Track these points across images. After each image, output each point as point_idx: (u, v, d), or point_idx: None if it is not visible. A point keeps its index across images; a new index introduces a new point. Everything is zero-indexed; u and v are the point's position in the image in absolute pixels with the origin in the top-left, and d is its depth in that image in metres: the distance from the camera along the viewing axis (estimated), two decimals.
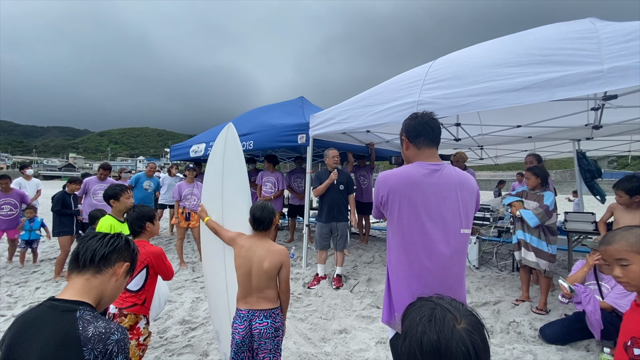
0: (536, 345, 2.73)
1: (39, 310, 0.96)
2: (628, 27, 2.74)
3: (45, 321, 0.92)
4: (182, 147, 7.27)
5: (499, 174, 51.33)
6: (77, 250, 1.08)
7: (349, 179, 4.36)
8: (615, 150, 6.70)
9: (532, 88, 2.73)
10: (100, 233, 1.16)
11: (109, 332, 0.92)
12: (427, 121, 1.54)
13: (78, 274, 1.05)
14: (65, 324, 0.91)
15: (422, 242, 1.45)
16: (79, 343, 0.88)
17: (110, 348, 0.91)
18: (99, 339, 0.90)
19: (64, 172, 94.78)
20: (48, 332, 0.89)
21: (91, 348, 0.88)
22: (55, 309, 0.94)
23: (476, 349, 0.66)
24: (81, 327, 0.90)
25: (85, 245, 1.09)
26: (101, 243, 1.10)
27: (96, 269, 1.06)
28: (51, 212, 4.71)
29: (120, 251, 1.14)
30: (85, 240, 1.12)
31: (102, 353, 0.89)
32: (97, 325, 0.92)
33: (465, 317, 0.71)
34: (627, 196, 3.05)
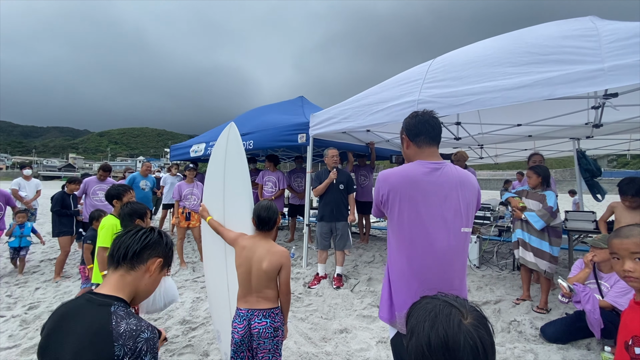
0: (537, 344, 2.72)
1: (77, 302, 0.99)
2: (629, 26, 2.74)
3: (82, 313, 0.95)
4: (182, 147, 7.28)
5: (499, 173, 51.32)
6: (112, 247, 1.09)
7: (349, 178, 4.35)
8: (615, 149, 6.69)
9: (533, 86, 2.72)
10: (134, 228, 1.15)
11: (140, 330, 0.93)
12: (427, 120, 1.54)
13: (114, 270, 1.06)
14: (100, 318, 0.93)
15: (423, 240, 1.44)
16: (111, 338, 0.89)
17: (139, 346, 0.91)
18: (129, 335, 0.91)
19: (63, 172, 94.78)
20: (84, 323, 0.92)
21: (122, 344, 0.89)
22: (92, 302, 0.97)
23: (483, 343, 0.66)
24: (114, 322, 0.92)
25: (120, 242, 1.09)
26: (133, 239, 1.09)
27: (129, 266, 1.07)
28: (51, 212, 4.70)
29: (153, 247, 1.12)
30: (119, 236, 1.12)
31: (132, 350, 0.89)
32: (129, 322, 0.94)
33: (471, 313, 0.71)
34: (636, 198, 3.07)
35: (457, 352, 0.64)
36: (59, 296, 3.83)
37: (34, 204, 6.43)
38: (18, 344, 2.79)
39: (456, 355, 0.64)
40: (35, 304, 3.61)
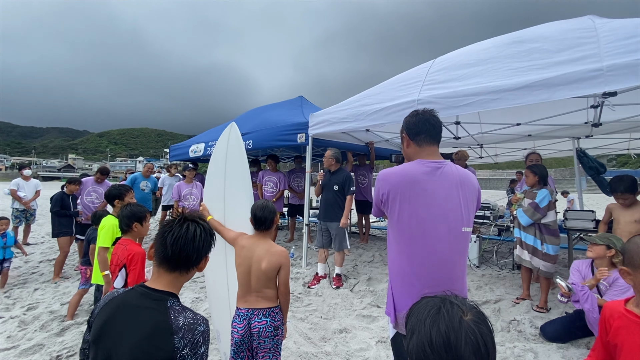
0: (537, 343, 2.72)
1: (131, 294, 1.03)
2: (627, 24, 2.74)
3: (139, 306, 0.99)
4: (182, 147, 7.27)
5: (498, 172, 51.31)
6: (167, 251, 1.06)
7: (345, 178, 4.21)
8: (615, 149, 6.69)
9: (532, 87, 2.72)
10: (184, 228, 1.10)
11: (197, 323, 0.99)
12: (428, 118, 1.53)
13: (168, 271, 1.07)
14: (159, 312, 0.98)
15: (423, 240, 1.44)
16: (171, 331, 0.94)
17: (197, 338, 0.97)
18: (188, 328, 0.96)
19: (63, 173, 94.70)
20: (143, 317, 0.97)
21: (181, 337, 0.94)
22: (147, 297, 1.01)
23: (485, 339, 0.66)
24: (173, 317, 0.97)
25: (178, 246, 1.06)
26: (192, 246, 1.09)
27: (186, 269, 1.10)
28: (50, 213, 4.69)
29: (206, 249, 1.15)
30: (175, 238, 1.07)
31: (191, 342, 0.95)
32: (186, 316, 0.99)
33: (471, 310, 0.72)
34: (632, 196, 3.08)
35: (459, 349, 0.64)
36: (57, 297, 3.82)
37: (32, 205, 6.42)
38: (16, 345, 2.78)
39: (458, 352, 0.64)
40: (34, 304, 3.60)
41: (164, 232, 1.09)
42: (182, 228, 1.10)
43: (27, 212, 6.35)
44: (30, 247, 6.36)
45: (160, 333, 0.94)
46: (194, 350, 0.95)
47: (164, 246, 1.07)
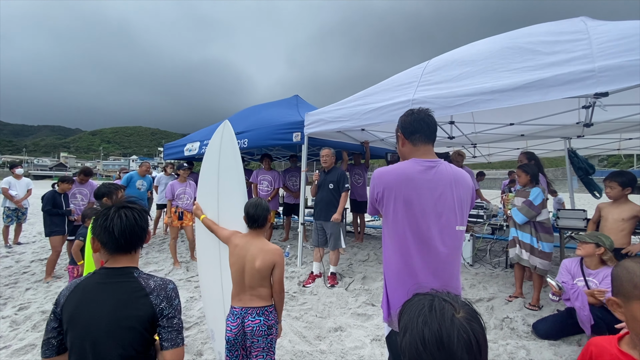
0: (529, 340, 2.75)
1: (94, 277, 1.15)
2: (619, 26, 2.78)
3: (106, 282, 1.13)
4: (176, 146, 7.22)
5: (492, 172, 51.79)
6: (119, 241, 1.16)
7: (340, 177, 4.26)
8: (606, 149, 6.79)
9: (525, 88, 2.75)
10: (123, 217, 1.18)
11: (166, 283, 1.19)
12: (423, 117, 1.54)
13: (124, 254, 1.19)
14: (129, 282, 1.14)
15: (417, 238, 1.45)
16: (146, 293, 1.12)
17: (170, 293, 1.17)
18: (160, 288, 1.16)
19: (55, 171, 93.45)
20: (114, 290, 1.11)
21: (156, 295, 1.13)
22: (112, 274, 1.15)
23: (476, 337, 0.66)
24: (144, 282, 1.15)
25: (127, 233, 1.16)
26: (139, 228, 1.20)
27: (140, 247, 1.24)
28: (42, 211, 4.63)
29: (147, 224, 1.25)
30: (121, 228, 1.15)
31: (166, 298, 1.15)
32: (155, 279, 1.18)
33: (463, 307, 0.72)
34: (619, 188, 3.10)
35: (451, 346, 0.64)
36: (50, 297, 3.78)
37: (24, 204, 6.33)
38: (8, 345, 2.74)
39: (450, 349, 0.65)
40: (26, 304, 3.56)
41: (105, 226, 1.16)
42: (121, 217, 1.17)
43: (18, 211, 6.26)
44: (22, 246, 6.27)
45: (136, 297, 1.10)
46: (169, 303, 1.14)
47: (112, 237, 1.15)
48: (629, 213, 3.05)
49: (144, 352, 1.11)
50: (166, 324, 1.12)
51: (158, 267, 4.89)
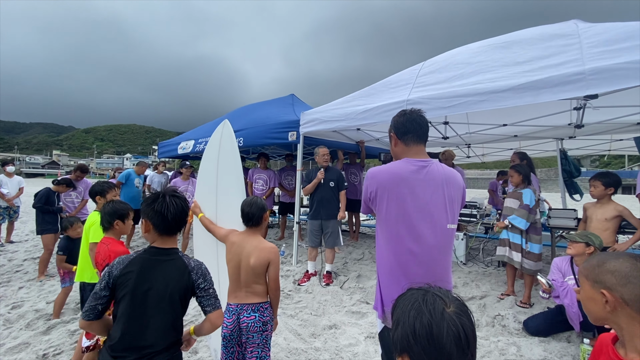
0: (520, 337, 2.81)
1: (148, 254, 1.38)
2: (609, 29, 2.84)
3: (159, 259, 1.37)
4: (170, 144, 7.20)
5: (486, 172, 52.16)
6: (169, 222, 1.38)
7: (339, 175, 4.37)
8: (597, 150, 6.90)
9: (517, 89, 2.79)
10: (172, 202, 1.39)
11: (200, 262, 1.46)
12: (415, 118, 1.57)
13: (170, 235, 1.42)
14: (176, 260, 1.40)
15: (410, 237, 1.48)
16: (188, 269, 1.39)
17: (204, 270, 1.44)
18: (197, 266, 1.43)
19: (47, 169, 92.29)
20: (169, 265, 1.37)
21: (195, 272, 1.40)
22: (162, 253, 1.39)
23: (465, 331, 0.69)
24: (187, 261, 1.41)
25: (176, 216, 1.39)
26: (184, 213, 1.42)
27: (181, 230, 1.48)
28: (33, 208, 4.59)
29: (186, 214, 1.45)
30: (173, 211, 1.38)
31: (202, 274, 1.42)
32: (193, 259, 1.45)
33: (453, 302, 0.74)
34: (602, 187, 3.18)
35: (441, 339, 0.67)
36: (43, 295, 3.76)
37: (16, 202, 6.26)
38: (1, 343, 2.73)
39: (440, 342, 0.67)
40: (19, 303, 3.54)
41: (159, 211, 1.36)
42: (173, 204, 1.39)
43: (10, 209, 6.19)
44: (14, 245, 6.21)
45: (183, 272, 1.37)
46: (204, 278, 1.42)
47: (164, 219, 1.37)
48: (612, 213, 3.13)
49: (180, 317, 1.39)
50: (204, 293, 1.40)
51: None
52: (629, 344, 0.90)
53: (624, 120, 4.21)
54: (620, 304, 0.88)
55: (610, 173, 3.29)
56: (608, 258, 0.95)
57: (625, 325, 0.90)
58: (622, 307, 0.88)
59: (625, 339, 0.91)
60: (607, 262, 0.94)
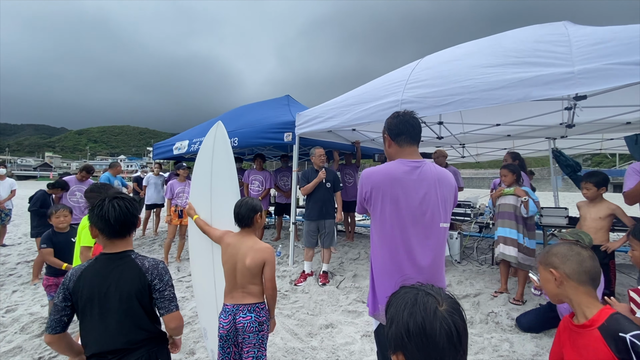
0: (513, 333, 2.86)
1: (99, 261, 1.37)
2: (598, 32, 2.90)
3: (112, 264, 1.35)
4: (165, 145, 7.17)
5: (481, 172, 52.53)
6: (114, 227, 1.35)
7: (336, 176, 4.43)
8: (589, 149, 7.01)
9: (509, 87, 2.84)
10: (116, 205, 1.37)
11: (157, 262, 1.42)
12: (408, 120, 1.60)
13: (120, 239, 1.40)
14: (129, 263, 1.37)
15: (404, 235, 1.51)
16: (142, 271, 1.36)
17: (160, 271, 1.40)
18: (153, 267, 1.39)
19: (39, 172, 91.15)
20: (120, 269, 1.34)
21: (150, 273, 1.37)
22: (114, 258, 1.37)
23: (457, 328, 0.71)
24: (139, 262, 1.38)
25: (121, 220, 1.36)
26: (130, 214, 1.39)
27: (123, 236, 1.41)
28: (29, 212, 4.55)
29: (134, 217, 1.42)
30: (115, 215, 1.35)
31: (158, 275, 1.38)
32: (148, 259, 1.41)
33: (446, 300, 0.76)
34: (594, 188, 3.23)
35: (434, 337, 0.70)
36: (37, 298, 3.73)
37: (7, 204, 6.20)
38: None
39: (433, 340, 0.70)
40: (13, 307, 3.51)
41: (101, 215, 1.35)
42: (114, 206, 1.36)
43: (2, 212, 6.13)
44: (7, 248, 6.15)
45: (136, 274, 1.35)
46: (161, 278, 1.38)
47: (107, 223, 1.35)
48: (605, 212, 3.18)
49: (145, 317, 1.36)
50: (158, 295, 1.37)
51: None
52: (578, 311, 1.14)
53: (613, 119, 4.30)
54: (565, 278, 1.15)
55: (598, 172, 3.35)
56: (553, 246, 1.24)
57: (572, 296, 1.15)
58: (566, 280, 1.15)
59: (575, 309, 1.16)
60: (552, 248, 1.22)
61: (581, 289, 1.13)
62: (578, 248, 1.18)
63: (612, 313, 1.07)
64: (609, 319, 1.05)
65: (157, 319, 1.44)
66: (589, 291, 1.13)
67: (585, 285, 1.13)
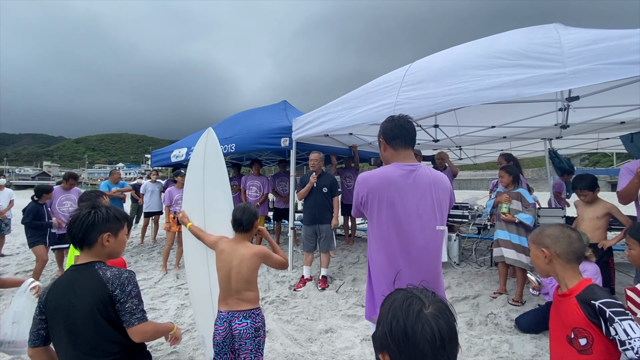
0: (512, 335, 2.86)
1: (67, 273, 1.38)
2: (589, 34, 2.95)
3: (76, 276, 1.35)
4: (163, 153, 7.18)
5: (479, 173, 52.63)
6: (73, 236, 1.37)
7: (333, 181, 4.41)
8: (585, 149, 7.06)
9: (502, 87, 2.88)
10: (78, 215, 1.39)
11: (120, 272, 1.36)
12: (402, 124, 1.62)
13: (81, 251, 1.40)
14: (91, 273, 1.34)
15: (400, 238, 1.52)
16: (103, 281, 1.31)
17: (123, 281, 1.33)
18: (115, 277, 1.33)
19: (37, 181, 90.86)
20: (82, 280, 1.33)
21: (112, 283, 1.31)
22: (79, 269, 1.36)
23: (441, 332, 0.70)
24: (102, 273, 1.33)
25: (70, 231, 1.37)
26: (78, 228, 1.37)
27: (87, 247, 1.38)
28: (22, 224, 4.52)
29: (95, 227, 1.38)
30: (70, 223, 1.38)
31: (119, 285, 1.32)
32: (111, 270, 1.36)
33: (434, 304, 0.76)
34: (590, 193, 3.26)
35: (415, 339, 0.70)
36: None
37: (7, 215, 6.19)
38: None
39: (414, 342, 0.70)
40: None
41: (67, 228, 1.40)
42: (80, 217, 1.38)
43: (1, 222, 6.11)
44: (5, 258, 6.12)
45: (96, 284, 1.31)
46: (122, 289, 1.32)
47: (70, 234, 1.39)
48: (601, 211, 3.22)
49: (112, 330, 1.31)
50: (120, 307, 1.32)
51: (147, 276, 4.84)
52: (562, 283, 1.31)
53: (607, 120, 4.34)
54: (554, 257, 1.30)
55: (585, 175, 3.37)
56: (546, 227, 1.38)
57: (559, 271, 1.31)
58: (555, 259, 1.30)
59: (560, 282, 1.32)
60: (545, 229, 1.36)
61: (568, 266, 1.29)
62: (568, 230, 1.32)
63: (590, 284, 1.23)
64: (586, 289, 1.21)
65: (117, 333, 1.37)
66: (573, 267, 1.29)
67: (571, 262, 1.29)
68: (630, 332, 1.06)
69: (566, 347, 1.23)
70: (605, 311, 1.11)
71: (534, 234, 1.39)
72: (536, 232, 1.39)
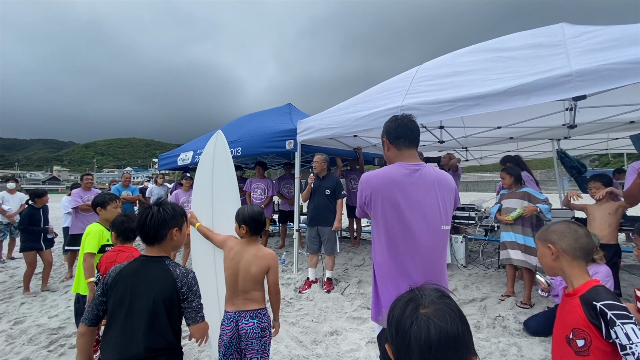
0: (521, 337, 2.81)
1: (137, 262, 1.44)
2: (595, 31, 2.92)
3: (146, 267, 1.42)
4: (170, 156, 7.26)
5: (486, 174, 52.08)
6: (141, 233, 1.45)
7: (336, 183, 4.39)
8: (594, 149, 6.94)
9: (508, 93, 2.84)
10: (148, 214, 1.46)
11: (188, 271, 1.45)
12: (406, 123, 1.62)
13: (150, 246, 1.48)
14: (162, 268, 1.42)
15: (405, 239, 1.51)
16: (173, 277, 1.39)
17: (190, 280, 1.42)
18: (183, 275, 1.42)
19: (47, 185, 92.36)
20: (153, 272, 1.40)
21: (180, 280, 1.39)
22: (149, 260, 1.44)
23: (430, 333, 0.69)
24: (172, 269, 1.42)
25: (142, 229, 1.45)
26: (150, 225, 1.44)
27: (158, 242, 1.47)
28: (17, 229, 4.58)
29: (165, 223, 1.46)
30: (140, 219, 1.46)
31: (187, 283, 1.40)
32: (180, 268, 1.45)
33: (432, 305, 0.73)
34: (603, 188, 3.23)
35: (406, 337, 0.71)
36: (45, 310, 3.77)
37: (17, 218, 6.29)
38: (5, 359, 2.74)
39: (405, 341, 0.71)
40: (21, 318, 3.54)
41: (138, 224, 1.46)
42: (148, 215, 1.45)
43: (11, 225, 6.23)
44: (16, 261, 6.22)
45: (167, 280, 1.38)
46: (189, 288, 1.41)
47: (142, 233, 1.46)
48: (612, 207, 3.18)
49: (168, 325, 1.36)
50: (187, 305, 1.40)
51: None
52: (568, 282, 1.28)
53: (616, 119, 4.27)
54: (561, 253, 1.27)
55: (602, 174, 3.39)
56: (552, 224, 1.37)
57: (566, 269, 1.27)
58: (562, 255, 1.27)
59: (567, 281, 1.29)
60: (551, 226, 1.35)
61: (575, 263, 1.25)
62: (575, 226, 1.29)
63: (595, 285, 1.20)
64: (591, 290, 1.18)
65: (178, 334, 1.43)
66: (580, 264, 1.26)
67: (579, 259, 1.25)
68: (633, 336, 1.03)
69: (565, 347, 1.21)
70: (607, 313, 1.08)
71: (541, 232, 1.38)
72: (542, 229, 1.39)
